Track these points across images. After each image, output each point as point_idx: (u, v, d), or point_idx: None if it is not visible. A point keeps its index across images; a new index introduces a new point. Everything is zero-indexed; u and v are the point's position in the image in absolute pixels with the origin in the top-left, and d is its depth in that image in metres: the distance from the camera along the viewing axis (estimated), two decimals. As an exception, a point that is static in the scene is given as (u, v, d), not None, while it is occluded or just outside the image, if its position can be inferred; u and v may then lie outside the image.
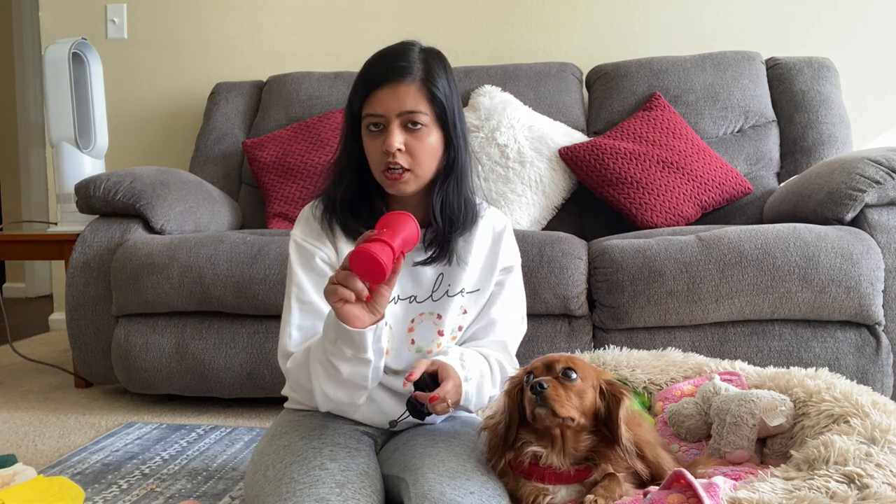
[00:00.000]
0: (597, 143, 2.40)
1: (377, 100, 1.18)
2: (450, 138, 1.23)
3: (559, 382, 1.08)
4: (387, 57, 1.21)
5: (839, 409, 1.19)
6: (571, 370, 1.10)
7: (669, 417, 1.40)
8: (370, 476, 1.13)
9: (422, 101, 1.18)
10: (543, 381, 1.06)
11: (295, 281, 1.24)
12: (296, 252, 1.26)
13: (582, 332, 1.90)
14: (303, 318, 1.22)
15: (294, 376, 1.20)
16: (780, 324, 1.84)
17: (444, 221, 1.23)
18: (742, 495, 0.94)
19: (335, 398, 1.16)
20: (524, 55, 2.92)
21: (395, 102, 1.17)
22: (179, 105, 3.19)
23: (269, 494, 1.08)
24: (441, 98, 1.20)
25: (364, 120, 1.20)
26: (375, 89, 1.18)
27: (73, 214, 2.46)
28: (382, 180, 1.21)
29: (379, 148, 1.18)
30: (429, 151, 1.20)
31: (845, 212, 1.88)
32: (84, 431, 1.92)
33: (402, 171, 1.19)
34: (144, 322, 2.06)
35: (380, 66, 1.20)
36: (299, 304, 1.22)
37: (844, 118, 2.51)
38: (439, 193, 1.23)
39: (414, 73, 1.19)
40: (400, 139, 1.17)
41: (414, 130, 1.18)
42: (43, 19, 3.25)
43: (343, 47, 3.07)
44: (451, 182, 1.24)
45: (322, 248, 1.25)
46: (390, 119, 1.17)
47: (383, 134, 1.18)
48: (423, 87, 1.19)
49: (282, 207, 2.53)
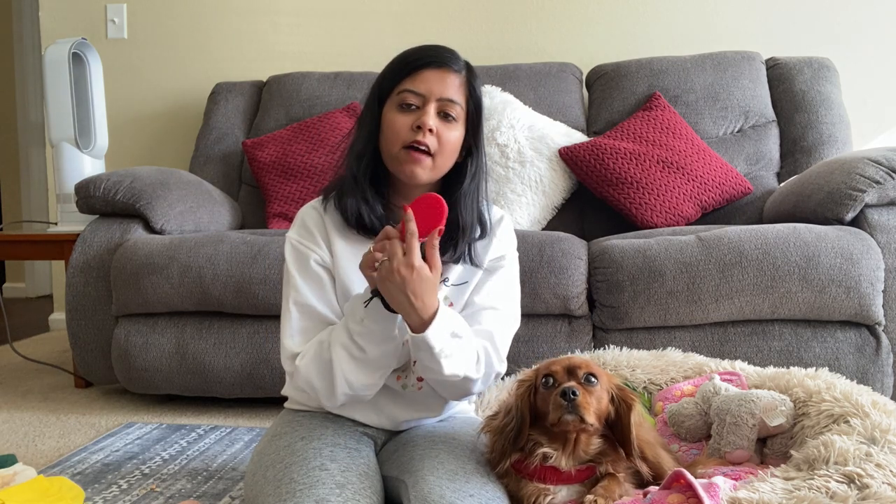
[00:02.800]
0: (597, 143, 2.40)
1: (421, 79, 1.18)
2: (475, 142, 1.24)
3: (584, 388, 1.09)
4: (431, 48, 1.22)
5: (839, 409, 1.19)
6: (593, 376, 1.11)
7: (669, 417, 1.40)
8: (370, 477, 1.13)
9: (462, 94, 1.20)
10: (576, 389, 1.06)
11: (292, 284, 1.22)
12: (292, 254, 1.25)
13: (582, 332, 1.90)
14: (302, 320, 1.21)
15: (305, 374, 1.17)
16: (780, 324, 1.84)
17: (466, 225, 1.22)
18: (742, 495, 0.94)
19: (357, 382, 1.14)
20: (524, 55, 2.92)
21: (439, 85, 1.17)
22: (179, 105, 3.19)
23: (268, 495, 1.08)
24: (478, 97, 1.22)
25: (398, 96, 1.19)
26: (421, 69, 1.18)
27: (73, 214, 2.46)
28: (401, 157, 1.18)
29: (408, 124, 1.17)
30: (453, 144, 1.20)
31: (845, 212, 1.88)
32: (84, 431, 1.92)
33: (426, 155, 1.18)
34: (144, 322, 2.06)
35: (428, 51, 1.21)
36: (297, 306, 1.21)
37: (844, 118, 2.51)
38: (465, 197, 1.22)
39: (461, 67, 1.21)
40: (435, 121, 1.17)
41: (446, 120, 1.18)
42: (43, 19, 3.25)
43: (343, 47, 3.07)
44: (472, 187, 1.24)
45: (316, 249, 1.23)
46: (429, 100, 1.17)
47: (415, 112, 1.18)
48: (467, 82, 1.21)
49: (282, 207, 2.53)
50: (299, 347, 1.19)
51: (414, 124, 1.17)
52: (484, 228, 1.26)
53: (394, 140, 1.19)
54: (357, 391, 1.16)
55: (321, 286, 1.22)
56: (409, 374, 1.25)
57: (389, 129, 1.19)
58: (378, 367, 1.15)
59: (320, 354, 1.15)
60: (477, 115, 1.23)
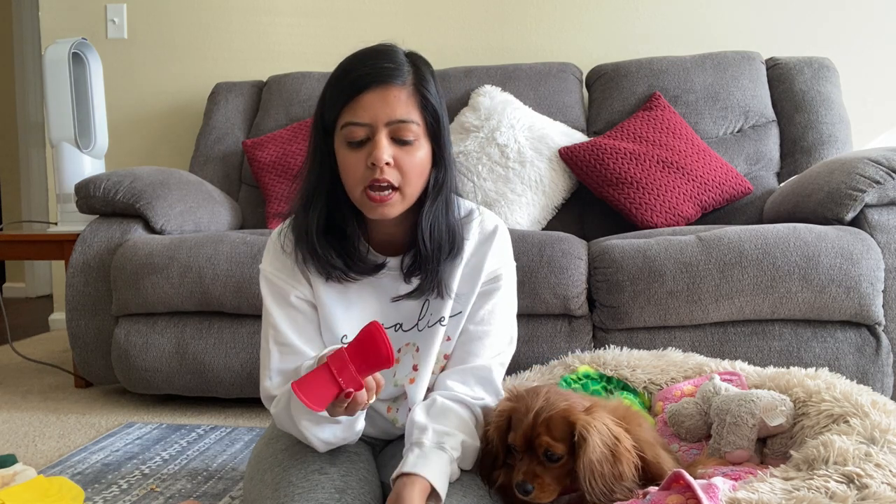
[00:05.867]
0: (597, 143, 2.40)
1: (362, 106, 1.02)
2: (439, 153, 1.09)
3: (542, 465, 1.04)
4: (370, 58, 1.06)
5: (839, 409, 1.19)
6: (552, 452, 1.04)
7: (669, 417, 1.40)
8: (370, 482, 1.11)
9: (414, 109, 1.04)
10: (528, 485, 1.03)
11: (271, 322, 1.15)
12: (268, 289, 1.16)
13: (582, 332, 1.90)
14: (282, 361, 1.14)
15: (280, 420, 1.13)
16: (780, 324, 1.84)
17: (433, 247, 1.10)
18: (741, 496, 0.94)
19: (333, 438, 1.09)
20: (524, 55, 2.92)
21: (384, 109, 1.02)
22: (179, 105, 3.19)
23: (267, 498, 1.07)
24: (434, 105, 1.07)
25: (342, 131, 1.04)
26: (359, 94, 1.03)
27: (73, 214, 2.46)
28: (364, 201, 1.06)
29: (361, 162, 1.03)
30: (419, 168, 1.06)
31: (845, 212, 1.88)
32: (84, 431, 1.92)
33: (390, 191, 1.04)
34: (144, 322, 2.06)
35: (363, 68, 1.04)
36: (277, 346, 1.14)
37: (844, 118, 2.51)
38: (427, 216, 1.09)
39: (404, 76, 1.05)
40: (389, 151, 1.02)
41: (403, 144, 1.04)
42: (43, 19, 3.25)
43: (343, 47, 3.00)
44: (439, 203, 1.10)
45: (296, 285, 1.14)
46: (377, 128, 1.03)
47: (366, 146, 1.03)
48: (416, 93, 1.05)
49: (282, 207, 2.54)
50: (277, 390, 1.13)
51: (368, 161, 1.02)
52: (460, 245, 1.13)
53: (352, 184, 1.06)
54: (337, 443, 1.12)
55: (302, 322, 1.15)
56: (402, 408, 1.20)
57: (344, 171, 1.06)
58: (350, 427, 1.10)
59: (288, 409, 1.09)
60: (437, 124, 1.07)
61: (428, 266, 1.11)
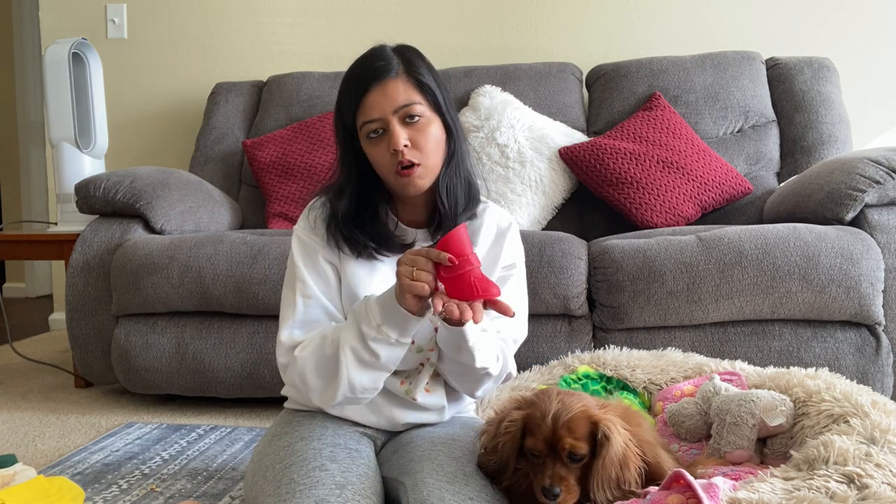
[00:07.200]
0: (597, 143, 2.40)
1: (369, 105, 1.17)
2: (448, 124, 1.23)
3: (565, 466, 1.05)
4: (363, 63, 1.21)
5: (839, 409, 1.19)
6: (576, 453, 1.05)
7: (669, 417, 1.40)
8: (370, 478, 1.13)
9: (412, 92, 1.18)
10: (556, 488, 1.03)
11: (299, 276, 1.23)
12: (299, 247, 1.25)
13: (582, 332, 1.90)
14: (307, 313, 1.21)
15: (301, 366, 1.17)
16: (780, 324, 1.84)
17: (451, 204, 1.23)
18: (742, 496, 0.94)
19: (359, 385, 1.14)
20: (524, 55, 2.92)
21: (387, 101, 1.16)
22: (179, 105, 3.19)
23: (268, 495, 1.08)
24: (429, 84, 1.20)
25: (362, 130, 1.19)
26: (364, 95, 1.18)
27: (73, 214, 2.46)
28: (397, 181, 1.19)
29: (385, 151, 1.17)
30: (433, 141, 1.20)
31: (845, 212, 1.88)
32: (84, 431, 1.92)
33: (414, 166, 1.18)
34: (144, 322, 2.06)
35: (361, 73, 1.19)
36: (304, 298, 1.21)
37: (844, 118, 2.51)
38: (444, 180, 1.23)
39: (395, 68, 1.19)
40: (404, 135, 1.16)
41: (413, 123, 1.18)
42: (43, 19, 3.25)
43: (343, 47, 3.07)
44: (452, 166, 1.25)
45: (325, 247, 1.24)
46: (388, 119, 1.17)
47: (386, 137, 1.18)
48: (410, 78, 1.19)
49: (282, 207, 2.54)
50: (300, 339, 1.19)
51: (390, 149, 1.17)
52: (476, 195, 1.28)
53: (384, 171, 1.20)
54: (357, 394, 1.16)
55: (328, 282, 1.23)
56: (417, 383, 1.24)
57: (374, 163, 1.21)
58: (385, 372, 1.16)
59: (322, 350, 1.15)
60: (437, 97, 1.21)
61: (448, 223, 1.23)
